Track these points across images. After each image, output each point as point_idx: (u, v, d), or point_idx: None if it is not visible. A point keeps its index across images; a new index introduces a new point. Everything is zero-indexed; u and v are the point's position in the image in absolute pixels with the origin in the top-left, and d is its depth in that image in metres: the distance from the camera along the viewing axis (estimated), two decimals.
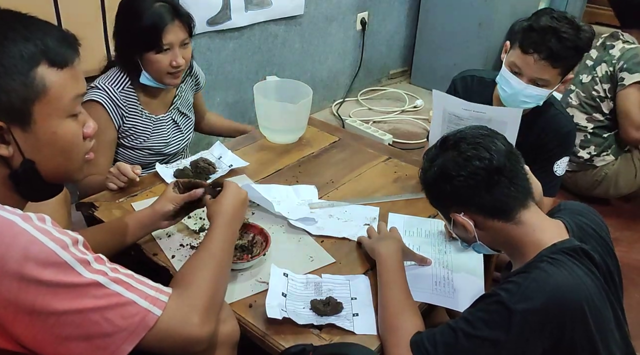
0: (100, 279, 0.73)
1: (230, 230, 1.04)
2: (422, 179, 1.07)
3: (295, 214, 1.37)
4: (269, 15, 2.60)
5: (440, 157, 1.02)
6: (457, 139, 1.02)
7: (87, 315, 0.71)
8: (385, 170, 1.66)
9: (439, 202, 1.07)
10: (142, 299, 0.76)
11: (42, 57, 0.75)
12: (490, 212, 1.00)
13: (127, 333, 0.74)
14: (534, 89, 1.45)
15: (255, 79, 2.62)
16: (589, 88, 2.31)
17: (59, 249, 0.70)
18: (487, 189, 0.97)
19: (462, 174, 0.97)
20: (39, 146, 0.78)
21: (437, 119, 1.54)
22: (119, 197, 1.44)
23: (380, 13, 3.32)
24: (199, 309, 0.84)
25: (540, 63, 1.41)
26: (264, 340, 1.04)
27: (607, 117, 2.30)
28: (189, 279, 0.88)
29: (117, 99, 1.57)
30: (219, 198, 1.08)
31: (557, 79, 1.46)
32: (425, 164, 1.06)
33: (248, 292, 1.14)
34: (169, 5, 1.52)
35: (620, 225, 2.31)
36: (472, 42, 3.26)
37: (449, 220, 1.05)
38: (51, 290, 0.69)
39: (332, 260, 1.26)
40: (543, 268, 0.92)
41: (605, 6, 4.16)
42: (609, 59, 2.23)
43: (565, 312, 0.89)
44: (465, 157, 0.98)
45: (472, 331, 0.92)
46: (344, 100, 3.34)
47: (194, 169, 1.53)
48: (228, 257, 1.00)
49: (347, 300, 1.13)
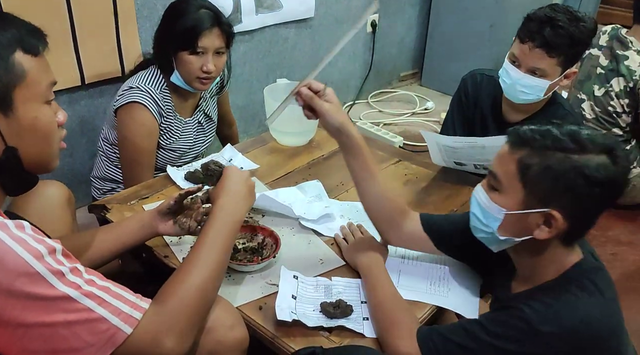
0: (71, 293, 0.72)
1: (231, 221, 1.00)
2: (549, 163, 0.88)
3: (311, 214, 1.37)
4: (280, 18, 2.60)
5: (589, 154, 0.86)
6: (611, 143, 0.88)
7: (56, 329, 0.71)
8: (395, 173, 1.66)
9: (551, 192, 0.88)
10: (113, 316, 0.75)
11: (17, 45, 0.78)
12: (575, 228, 0.90)
13: (95, 349, 0.73)
14: (531, 79, 1.46)
15: (265, 81, 2.62)
16: (604, 103, 2.27)
17: (32, 259, 0.69)
18: (601, 208, 0.90)
19: (604, 182, 0.85)
20: (20, 132, 0.79)
21: (434, 151, 1.59)
22: (130, 199, 1.45)
23: (390, 15, 3.32)
24: (174, 329, 0.81)
25: (535, 51, 1.42)
26: (273, 342, 1.04)
27: (626, 130, 2.28)
28: (171, 290, 0.85)
29: (158, 100, 1.62)
30: (217, 186, 1.06)
31: (555, 70, 1.45)
32: (569, 143, 0.87)
33: (258, 295, 1.14)
34: (213, 13, 1.58)
35: (637, 230, 2.28)
36: (483, 44, 3.24)
37: (525, 206, 0.90)
38: (21, 301, 0.68)
39: (342, 263, 1.25)
40: (574, 293, 0.88)
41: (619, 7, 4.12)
42: (628, 74, 2.19)
43: (593, 340, 0.86)
44: (621, 168, 0.86)
45: (489, 340, 0.90)
46: (355, 102, 3.34)
47: (204, 171, 1.54)
48: (224, 253, 0.96)
49: (357, 303, 1.13)
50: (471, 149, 1.49)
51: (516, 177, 0.90)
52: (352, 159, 1.15)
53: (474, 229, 1.02)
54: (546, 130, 0.89)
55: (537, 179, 0.88)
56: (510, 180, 0.91)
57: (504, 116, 1.63)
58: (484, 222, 0.97)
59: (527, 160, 0.89)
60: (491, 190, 0.95)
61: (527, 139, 0.89)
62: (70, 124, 2.03)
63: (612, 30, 2.31)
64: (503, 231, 0.94)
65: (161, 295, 0.85)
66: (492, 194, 0.94)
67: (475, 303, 1.16)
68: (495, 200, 0.94)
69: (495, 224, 0.94)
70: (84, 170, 2.11)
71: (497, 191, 0.94)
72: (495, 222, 0.94)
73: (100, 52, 1.94)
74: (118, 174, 1.76)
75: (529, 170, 0.88)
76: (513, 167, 0.90)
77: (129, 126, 1.61)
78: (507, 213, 0.92)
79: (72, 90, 1.97)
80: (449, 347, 0.93)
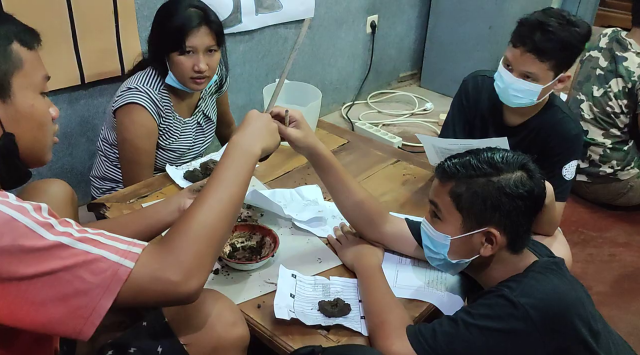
0: (64, 239, 0.72)
1: (244, 156, 0.93)
2: (474, 181, 1.00)
3: (303, 216, 1.38)
4: (279, 18, 2.61)
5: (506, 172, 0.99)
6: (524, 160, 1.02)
7: (57, 275, 0.70)
8: (393, 173, 1.67)
9: (483, 213, 0.99)
10: (112, 254, 0.74)
11: (14, 37, 0.81)
12: (514, 238, 1.00)
13: (102, 289, 0.72)
14: (523, 84, 1.47)
15: (265, 81, 2.63)
16: (602, 103, 2.28)
17: (17, 214, 0.70)
18: (529, 216, 1.00)
19: (524, 195, 0.97)
20: (18, 118, 0.81)
21: (431, 153, 1.60)
22: (129, 197, 1.45)
23: (390, 16, 3.32)
24: (178, 264, 0.76)
25: (525, 56, 1.44)
26: (272, 340, 1.05)
27: (624, 131, 2.28)
28: (175, 229, 0.81)
29: (156, 100, 1.62)
30: (239, 127, 1.01)
31: (547, 75, 1.46)
32: (486, 169, 0.99)
33: (256, 293, 1.15)
34: (200, 11, 1.57)
35: (634, 231, 2.29)
36: (483, 46, 3.25)
37: (466, 230, 1.01)
38: (15, 256, 0.69)
39: (340, 262, 1.26)
40: (534, 276, 0.98)
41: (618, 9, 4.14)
42: (627, 75, 2.20)
43: (566, 309, 0.93)
44: (536, 180, 0.99)
45: (473, 321, 0.95)
46: (354, 103, 3.34)
47: (203, 170, 1.55)
48: (237, 189, 0.89)
49: (355, 302, 1.13)
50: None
51: (452, 205, 1.01)
52: (325, 174, 1.21)
53: (429, 259, 1.11)
54: (466, 161, 1.01)
55: (469, 204, 0.99)
56: (448, 209, 1.02)
57: (504, 119, 1.63)
58: (435, 250, 1.06)
59: (456, 190, 1.00)
60: (434, 220, 1.06)
61: (452, 173, 1.01)
62: (70, 123, 2.03)
63: (612, 32, 2.32)
64: (453, 255, 1.04)
65: (165, 234, 0.83)
66: (437, 224, 1.05)
67: None
68: (440, 229, 1.04)
69: (444, 250, 1.04)
70: (83, 169, 2.12)
71: (440, 220, 1.04)
72: (444, 248, 1.04)
73: (100, 52, 1.95)
74: (117, 174, 1.77)
75: (460, 198, 1.00)
76: (447, 198, 1.02)
77: (128, 127, 1.61)
78: (453, 238, 1.02)
79: (72, 89, 1.97)
80: (439, 338, 0.96)
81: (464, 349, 0.95)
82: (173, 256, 0.77)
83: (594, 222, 2.35)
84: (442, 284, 1.21)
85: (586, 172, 2.38)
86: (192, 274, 0.77)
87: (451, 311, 1.03)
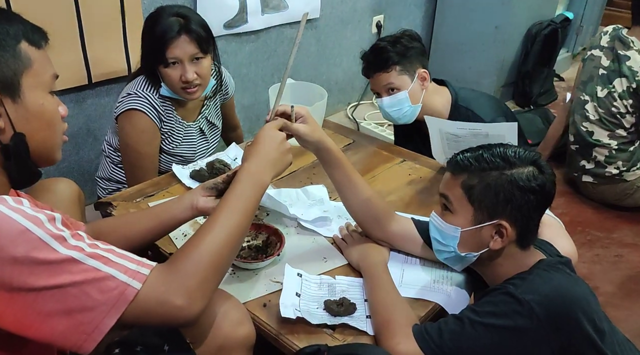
0: (75, 254, 0.72)
1: (254, 185, 0.96)
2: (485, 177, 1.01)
3: (308, 215, 1.38)
4: (285, 18, 2.61)
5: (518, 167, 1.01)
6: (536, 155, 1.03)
7: (66, 289, 0.71)
8: (399, 173, 1.67)
9: (495, 205, 1.00)
10: (121, 273, 0.75)
11: (22, 36, 0.81)
12: (524, 232, 1.02)
13: (108, 307, 0.73)
14: (392, 97, 1.69)
15: (270, 81, 2.63)
16: (607, 104, 2.27)
17: (32, 226, 0.70)
18: (540, 211, 1.02)
19: (536, 189, 0.99)
20: (28, 117, 0.81)
21: (436, 140, 1.60)
22: (136, 196, 1.46)
23: (395, 16, 3.32)
24: (183, 288, 0.79)
25: (376, 76, 1.71)
26: (277, 339, 1.05)
27: (630, 131, 2.27)
28: (183, 253, 0.83)
29: (157, 105, 1.61)
30: (249, 146, 1.03)
31: (402, 80, 1.68)
32: (499, 162, 1.01)
33: (262, 292, 1.15)
34: (181, 19, 1.52)
35: None
36: (488, 46, 3.24)
37: (477, 222, 1.02)
38: (27, 267, 0.69)
39: (345, 261, 1.26)
40: (539, 274, 0.99)
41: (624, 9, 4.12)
42: (631, 74, 2.19)
43: (571, 305, 0.93)
44: (547, 175, 1.01)
45: (479, 319, 0.95)
46: (359, 103, 3.34)
47: (209, 169, 1.55)
48: (244, 217, 0.92)
49: (360, 301, 1.13)
50: (474, 137, 1.47)
51: (464, 197, 1.03)
52: (333, 170, 1.21)
53: (437, 253, 1.12)
54: (479, 155, 1.03)
55: (481, 197, 1.01)
56: (459, 201, 1.03)
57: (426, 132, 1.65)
58: (444, 242, 1.07)
59: (469, 182, 1.02)
60: (445, 213, 1.07)
61: (464, 166, 1.03)
62: (77, 123, 2.04)
63: (613, 30, 2.30)
64: (462, 248, 1.05)
65: (172, 257, 0.84)
66: (447, 217, 1.06)
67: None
68: (450, 221, 1.05)
69: (454, 242, 1.05)
70: (90, 168, 2.13)
71: (450, 212, 1.05)
72: (454, 240, 1.05)
73: (107, 51, 1.96)
74: (123, 176, 1.77)
75: (472, 190, 1.02)
76: (459, 190, 1.03)
77: (130, 133, 1.60)
78: (463, 230, 1.03)
79: (79, 89, 1.98)
80: (445, 336, 0.96)
81: (470, 347, 0.95)
82: (179, 281, 0.80)
83: (601, 222, 2.34)
84: (448, 282, 1.21)
85: (592, 173, 2.37)
86: (196, 299, 0.80)
87: (457, 310, 1.04)
